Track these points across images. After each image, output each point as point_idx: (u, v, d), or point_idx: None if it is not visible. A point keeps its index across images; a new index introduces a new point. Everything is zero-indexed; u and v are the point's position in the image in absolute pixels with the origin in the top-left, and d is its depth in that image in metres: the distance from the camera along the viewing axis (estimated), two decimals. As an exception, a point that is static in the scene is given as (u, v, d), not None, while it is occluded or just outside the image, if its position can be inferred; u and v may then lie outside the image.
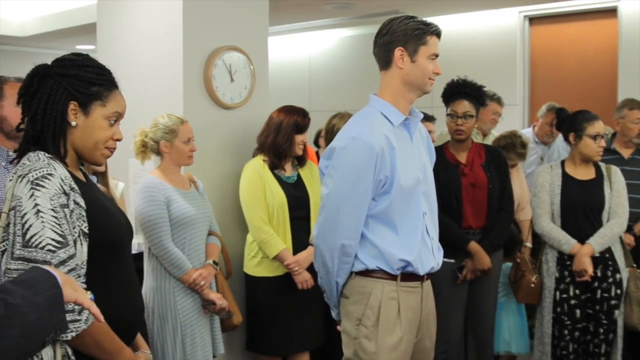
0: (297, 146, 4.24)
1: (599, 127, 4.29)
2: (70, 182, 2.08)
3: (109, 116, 2.21)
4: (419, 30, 2.84)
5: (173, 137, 3.80)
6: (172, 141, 3.81)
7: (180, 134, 3.82)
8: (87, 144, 2.20)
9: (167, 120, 3.84)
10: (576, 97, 7.57)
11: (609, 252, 4.28)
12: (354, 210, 2.78)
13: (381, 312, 2.84)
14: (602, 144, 4.29)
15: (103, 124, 2.20)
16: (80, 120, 2.17)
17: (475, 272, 4.29)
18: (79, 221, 2.06)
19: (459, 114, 4.34)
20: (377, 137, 2.77)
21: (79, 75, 2.15)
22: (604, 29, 7.67)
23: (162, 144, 3.80)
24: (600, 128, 4.30)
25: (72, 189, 2.07)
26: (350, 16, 8.18)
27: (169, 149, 3.81)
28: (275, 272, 4.17)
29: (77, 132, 2.17)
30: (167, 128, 3.81)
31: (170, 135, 3.80)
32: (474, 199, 4.33)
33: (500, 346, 4.76)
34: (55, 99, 2.12)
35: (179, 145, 3.81)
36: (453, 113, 4.36)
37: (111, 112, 2.21)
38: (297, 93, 9.37)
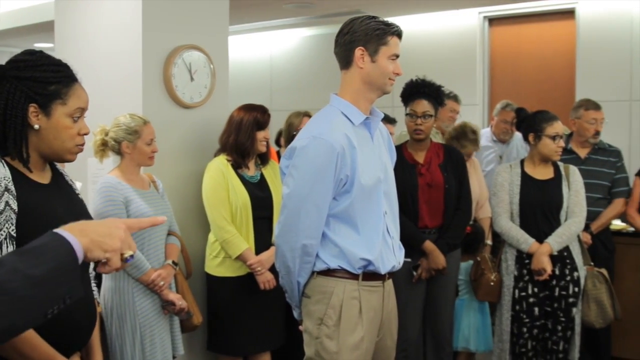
0: (260, 143, 4.23)
1: (558, 127, 4.34)
2: (7, 184, 2.03)
3: (71, 113, 2.15)
4: (379, 31, 2.85)
5: (136, 139, 3.75)
6: (135, 142, 3.75)
7: (143, 135, 3.77)
8: (54, 145, 2.15)
9: (129, 120, 3.79)
10: (535, 97, 7.65)
11: (567, 251, 4.33)
12: (315, 210, 2.78)
13: (343, 312, 2.84)
14: (560, 144, 4.34)
15: (67, 122, 2.15)
16: (43, 122, 2.11)
17: (430, 272, 4.32)
18: (7, 224, 2.00)
19: (418, 113, 4.36)
20: (338, 137, 2.78)
21: (34, 77, 2.09)
22: (562, 30, 7.77)
23: (124, 144, 3.74)
24: (559, 128, 4.35)
25: (7, 190, 2.02)
26: (311, 16, 8.18)
27: (131, 150, 3.76)
28: (237, 272, 4.16)
29: (41, 134, 2.12)
30: (130, 129, 3.76)
31: (133, 137, 3.75)
32: (430, 198, 4.36)
33: (459, 342, 4.80)
34: (13, 103, 2.07)
35: (141, 147, 3.77)
36: (412, 113, 4.38)
37: (73, 108, 2.16)
38: (258, 92, 9.34)
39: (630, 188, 5.08)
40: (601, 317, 4.39)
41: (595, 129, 5.09)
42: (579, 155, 5.09)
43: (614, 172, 5.03)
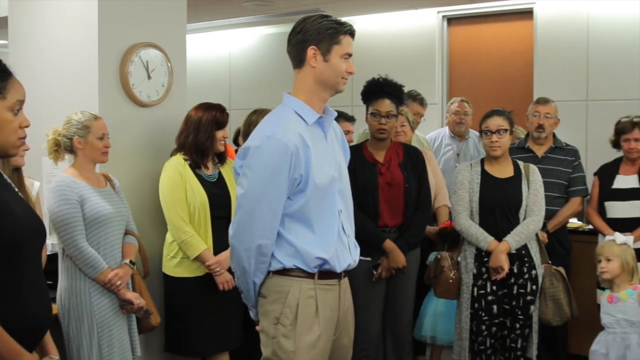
0: (219, 142, 4.21)
1: (490, 122, 4.40)
2: None
3: (11, 107, 2.14)
4: (332, 30, 2.85)
5: (86, 133, 3.71)
6: (86, 137, 3.71)
7: (94, 130, 3.73)
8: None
9: (80, 116, 3.75)
10: (493, 96, 7.71)
11: (525, 249, 4.36)
12: (270, 210, 2.78)
13: (299, 311, 2.84)
14: (492, 139, 4.37)
15: (8, 116, 2.14)
16: None
17: (390, 270, 4.33)
18: None
19: (382, 113, 4.37)
20: (292, 136, 2.77)
21: None
22: (520, 31, 7.84)
23: (76, 139, 3.70)
24: (492, 123, 4.39)
25: None
26: (270, 14, 8.15)
27: (82, 145, 3.71)
28: (195, 272, 4.12)
29: None
30: (80, 124, 3.72)
31: (84, 131, 3.71)
32: (390, 197, 4.37)
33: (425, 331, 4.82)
34: None
35: (92, 141, 3.72)
36: (376, 112, 4.38)
37: (13, 102, 2.14)
38: (217, 91, 9.29)
39: (586, 187, 5.13)
40: (558, 315, 4.43)
41: (537, 122, 5.14)
42: (536, 154, 5.13)
43: (571, 171, 5.08)
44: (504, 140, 4.39)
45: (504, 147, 4.40)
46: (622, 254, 4.14)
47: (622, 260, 4.14)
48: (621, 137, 4.93)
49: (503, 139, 4.38)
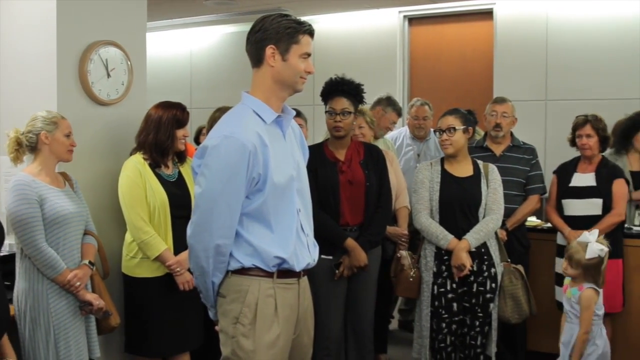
0: (179, 141, 4.18)
1: (442, 121, 4.49)
2: None
3: None
4: (291, 29, 2.84)
5: (54, 129, 3.69)
6: (54, 132, 3.69)
7: (61, 127, 3.72)
8: None
9: (46, 114, 3.74)
10: (453, 96, 7.78)
11: (484, 247, 4.40)
12: (228, 209, 2.76)
13: (258, 310, 2.83)
14: (442, 138, 4.45)
15: None
16: None
17: (351, 269, 4.34)
18: None
19: (337, 110, 4.39)
20: (250, 135, 2.76)
21: None
22: (481, 31, 7.92)
23: (43, 134, 3.67)
24: (443, 122, 4.47)
25: None
26: (231, 13, 8.14)
27: (49, 140, 3.68)
28: (155, 272, 4.09)
29: None
30: (47, 120, 3.70)
31: (51, 127, 3.69)
32: (351, 196, 4.38)
33: None
34: None
35: (59, 137, 3.71)
36: (331, 110, 4.41)
37: None
38: (178, 90, 9.25)
39: (544, 185, 5.19)
40: (517, 313, 4.48)
41: (495, 121, 5.19)
42: (494, 152, 5.18)
43: (529, 169, 5.13)
44: (455, 138, 4.43)
45: (456, 145, 4.44)
46: (587, 262, 4.16)
47: (584, 268, 4.17)
48: (575, 133, 5.00)
49: (453, 137, 4.42)
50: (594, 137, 4.92)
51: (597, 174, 4.94)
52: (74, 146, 3.78)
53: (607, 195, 4.86)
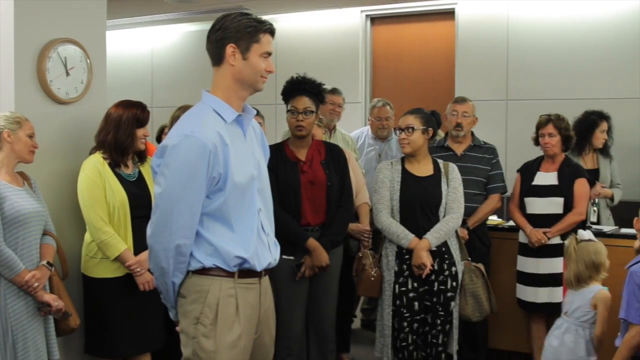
0: (139, 141, 4.14)
1: (401, 120, 4.51)
2: None
3: None
4: (251, 28, 2.83)
5: (17, 128, 3.70)
6: (17, 131, 3.69)
7: (25, 127, 3.73)
8: None
9: (10, 113, 3.75)
10: (415, 95, 7.82)
11: (445, 246, 4.43)
12: (188, 209, 2.75)
13: (219, 310, 2.82)
14: (400, 137, 4.47)
15: None
16: None
17: (313, 269, 4.34)
18: None
19: (299, 109, 4.38)
20: (210, 134, 2.74)
21: None
22: (443, 31, 7.96)
23: (5, 132, 3.66)
24: (402, 121, 4.50)
25: None
26: (193, 11, 8.09)
27: (12, 139, 3.68)
28: (115, 273, 4.05)
29: None
30: (10, 119, 3.71)
31: (15, 126, 3.69)
32: (312, 196, 4.39)
33: None
34: None
35: (22, 137, 3.71)
36: (293, 109, 4.40)
37: None
38: (139, 88, 9.18)
39: (504, 184, 5.24)
40: (478, 311, 4.51)
41: (456, 121, 5.22)
42: (455, 152, 5.21)
43: (490, 168, 5.17)
44: (413, 138, 4.45)
45: (414, 145, 4.46)
46: (579, 256, 4.13)
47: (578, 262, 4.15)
48: (538, 133, 5.05)
49: (411, 136, 4.44)
50: (556, 136, 4.98)
51: (560, 173, 4.99)
52: (36, 147, 3.77)
53: (569, 195, 4.92)
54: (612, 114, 5.92)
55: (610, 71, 7.06)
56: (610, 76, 7.06)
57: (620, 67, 7.03)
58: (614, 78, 7.05)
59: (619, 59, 7.04)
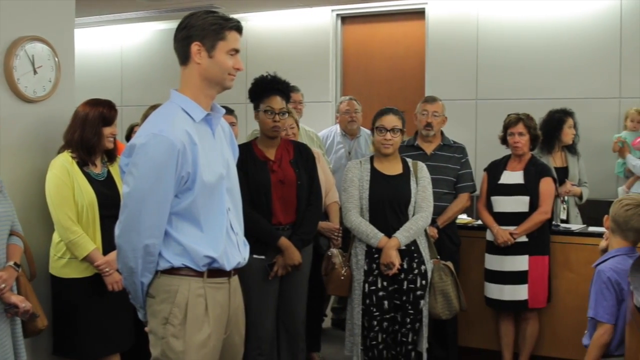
0: (106, 139, 4.11)
1: (385, 120, 4.48)
2: None
3: None
4: (216, 26, 2.82)
5: None
6: None
7: None
8: None
9: None
10: (386, 95, 7.84)
11: (414, 245, 4.44)
12: (157, 209, 2.73)
13: (188, 310, 2.80)
14: (386, 137, 4.45)
15: None
16: None
17: (286, 268, 4.34)
18: None
19: (276, 110, 4.37)
20: (178, 133, 2.73)
21: None
22: (413, 30, 7.99)
23: None
24: (387, 121, 4.47)
25: None
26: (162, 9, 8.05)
27: None
28: (83, 273, 4.03)
29: None
30: None
31: None
32: (282, 195, 4.38)
33: None
34: None
35: None
36: (270, 109, 4.38)
37: None
38: (108, 87, 9.12)
39: (474, 183, 5.27)
40: (447, 309, 4.54)
41: (426, 120, 5.23)
42: (425, 151, 5.22)
43: (459, 167, 5.19)
44: (397, 139, 4.47)
45: (396, 145, 4.48)
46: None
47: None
48: (507, 132, 5.09)
49: (396, 138, 4.46)
50: (526, 135, 5.03)
51: (526, 172, 5.04)
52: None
53: (535, 193, 4.96)
54: (578, 113, 5.98)
55: (577, 71, 7.15)
56: (577, 76, 7.15)
57: (587, 67, 7.12)
58: (581, 78, 7.14)
59: (586, 59, 7.13)
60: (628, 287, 3.23)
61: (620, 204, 3.73)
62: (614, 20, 7.04)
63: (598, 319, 3.56)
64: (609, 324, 3.51)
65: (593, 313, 3.58)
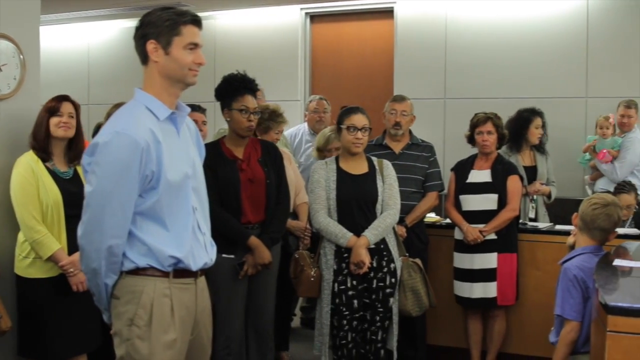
0: (57, 129, 4.03)
1: (355, 119, 4.45)
2: None
3: None
4: (170, 21, 2.78)
5: None
6: None
7: None
8: None
9: None
10: (354, 93, 7.85)
11: (383, 243, 4.45)
12: (120, 208, 2.69)
13: (154, 311, 2.76)
14: (357, 136, 4.44)
15: None
16: None
17: (256, 267, 4.32)
18: None
19: (250, 109, 4.35)
20: (142, 132, 2.69)
21: None
22: (381, 29, 8.01)
23: None
24: (356, 120, 4.45)
25: None
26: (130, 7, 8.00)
27: None
28: (49, 273, 3.99)
29: None
30: None
31: None
32: (252, 194, 4.36)
33: None
34: None
35: None
36: (245, 108, 4.34)
37: None
38: (75, 85, 9.03)
39: (442, 181, 5.29)
40: (417, 306, 4.55)
41: (394, 120, 5.24)
42: (393, 150, 5.23)
43: (427, 166, 5.22)
44: (367, 138, 4.47)
45: (365, 144, 4.48)
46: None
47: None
48: (475, 130, 5.12)
49: (366, 137, 4.46)
50: (494, 134, 5.06)
51: (493, 170, 5.08)
52: None
53: (502, 191, 5.00)
54: (545, 113, 6.04)
55: (545, 71, 7.22)
56: (544, 76, 7.22)
57: (554, 67, 7.19)
58: (548, 78, 7.21)
59: (553, 59, 7.21)
60: (594, 284, 3.25)
61: (588, 202, 3.77)
62: (580, 21, 7.12)
63: (565, 317, 3.58)
64: (576, 322, 3.54)
65: (560, 310, 3.61)
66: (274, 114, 5.26)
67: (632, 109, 6.50)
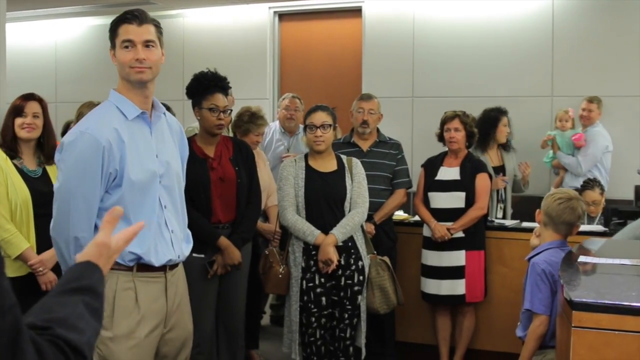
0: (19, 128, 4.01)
1: (314, 117, 4.49)
2: None
3: None
4: (112, 24, 2.94)
5: None
6: None
7: None
8: None
9: None
10: (323, 92, 7.86)
11: (351, 241, 4.46)
12: (84, 203, 2.84)
13: (116, 303, 2.90)
14: (316, 134, 4.46)
15: None
16: None
17: (225, 267, 4.32)
18: None
19: (220, 108, 4.34)
20: (105, 131, 2.83)
21: None
22: (350, 28, 8.03)
23: None
24: (316, 118, 4.47)
25: None
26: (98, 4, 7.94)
27: None
28: (17, 272, 3.95)
29: None
30: None
31: None
32: (222, 193, 4.35)
33: None
34: None
35: None
36: (214, 107, 4.32)
37: None
38: (42, 83, 8.93)
39: (410, 179, 5.33)
40: (385, 303, 4.57)
41: (362, 118, 5.27)
42: (361, 148, 5.26)
43: (395, 163, 5.25)
44: (328, 135, 4.48)
45: (328, 142, 4.49)
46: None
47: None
48: (444, 127, 5.16)
49: (327, 134, 4.47)
50: (462, 131, 5.10)
51: (462, 168, 5.12)
52: None
53: (470, 189, 5.05)
54: (511, 111, 6.11)
55: (511, 70, 7.29)
56: (511, 75, 7.29)
57: (520, 66, 7.26)
58: (514, 76, 7.28)
59: (519, 58, 7.27)
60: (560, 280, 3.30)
61: (552, 197, 3.81)
62: (546, 21, 7.20)
63: (534, 311, 3.61)
64: (545, 315, 3.58)
65: (529, 305, 3.64)
66: (254, 116, 5.25)
67: (593, 103, 6.64)
